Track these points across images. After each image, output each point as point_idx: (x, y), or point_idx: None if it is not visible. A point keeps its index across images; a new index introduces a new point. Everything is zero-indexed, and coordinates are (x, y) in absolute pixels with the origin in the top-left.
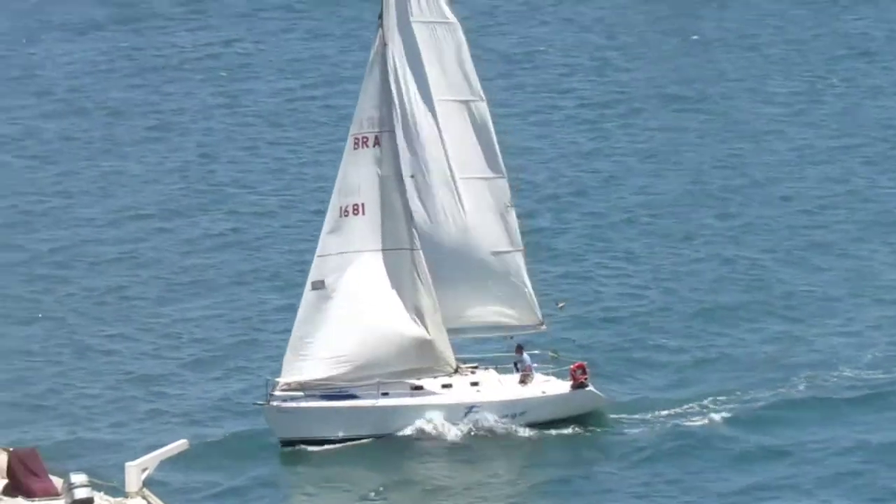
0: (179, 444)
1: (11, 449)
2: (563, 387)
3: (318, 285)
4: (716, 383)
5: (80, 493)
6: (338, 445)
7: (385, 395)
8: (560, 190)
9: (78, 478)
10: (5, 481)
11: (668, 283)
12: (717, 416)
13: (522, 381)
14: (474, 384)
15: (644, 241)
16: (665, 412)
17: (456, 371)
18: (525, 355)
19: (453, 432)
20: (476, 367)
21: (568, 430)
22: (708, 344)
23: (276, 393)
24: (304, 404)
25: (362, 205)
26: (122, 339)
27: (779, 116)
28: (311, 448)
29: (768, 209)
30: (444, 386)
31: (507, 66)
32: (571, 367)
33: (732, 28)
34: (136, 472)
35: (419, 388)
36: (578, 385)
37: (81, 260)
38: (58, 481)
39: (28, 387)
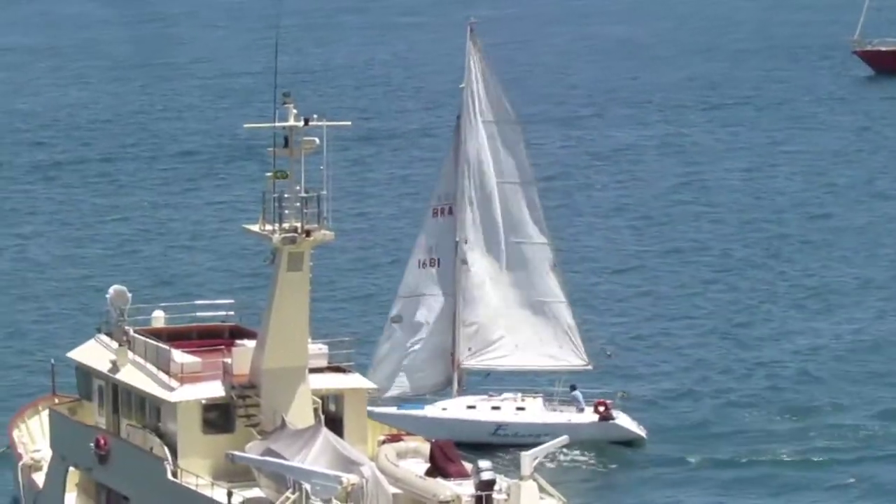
0: (562, 440)
1: (433, 440)
2: (590, 417)
3: (397, 319)
4: (764, 422)
5: (486, 476)
6: None
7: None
8: None
9: (484, 463)
10: (428, 465)
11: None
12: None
13: (579, 412)
14: (520, 409)
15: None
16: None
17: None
18: (577, 392)
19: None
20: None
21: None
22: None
23: None
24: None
25: (438, 259)
26: None
27: None
28: None
29: None
30: (494, 407)
31: None
32: (595, 401)
33: None
34: (529, 460)
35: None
36: (603, 417)
37: None
38: (468, 466)
39: None
